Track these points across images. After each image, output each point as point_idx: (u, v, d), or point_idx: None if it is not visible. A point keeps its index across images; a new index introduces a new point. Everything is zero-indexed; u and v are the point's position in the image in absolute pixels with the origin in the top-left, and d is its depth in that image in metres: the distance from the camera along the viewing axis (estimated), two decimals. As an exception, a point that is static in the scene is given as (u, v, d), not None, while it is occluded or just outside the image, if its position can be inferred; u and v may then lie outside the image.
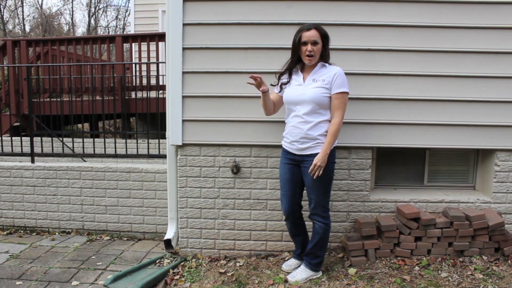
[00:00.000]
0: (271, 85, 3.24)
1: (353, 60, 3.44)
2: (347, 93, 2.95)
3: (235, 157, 3.59)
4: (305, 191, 3.14)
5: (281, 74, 3.16)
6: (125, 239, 4.47)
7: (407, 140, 3.52)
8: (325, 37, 2.98)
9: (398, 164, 3.86)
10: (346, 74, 3.34)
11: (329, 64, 3.02)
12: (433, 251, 3.40)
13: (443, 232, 3.38)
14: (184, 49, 3.49)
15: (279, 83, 3.17)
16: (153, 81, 6.82)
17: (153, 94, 6.39)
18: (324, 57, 3.00)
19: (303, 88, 2.99)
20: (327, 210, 3.09)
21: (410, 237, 3.38)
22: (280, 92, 3.18)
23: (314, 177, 2.92)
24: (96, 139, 5.94)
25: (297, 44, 2.97)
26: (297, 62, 3.08)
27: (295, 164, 3.09)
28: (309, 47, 2.92)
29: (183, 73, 3.51)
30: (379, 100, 3.47)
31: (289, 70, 3.11)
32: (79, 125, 9.15)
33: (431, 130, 3.51)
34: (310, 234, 3.30)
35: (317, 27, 2.96)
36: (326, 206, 3.09)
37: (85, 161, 5.37)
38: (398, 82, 3.46)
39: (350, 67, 3.42)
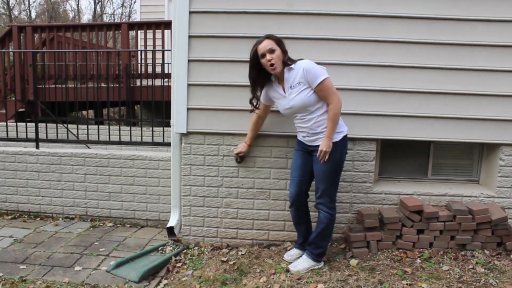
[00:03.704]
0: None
1: (359, 51, 3.42)
2: (326, 78, 2.90)
3: (239, 146, 3.60)
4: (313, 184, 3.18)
5: (252, 98, 3.16)
6: (128, 226, 4.49)
7: (412, 133, 3.51)
8: (279, 42, 2.96)
9: (402, 157, 3.85)
10: (352, 65, 3.36)
11: (294, 63, 2.97)
12: (435, 244, 3.40)
13: (446, 225, 3.37)
14: (190, 37, 3.48)
15: (257, 101, 3.19)
16: (158, 69, 6.80)
17: (158, 82, 6.38)
18: (286, 62, 2.96)
19: (288, 100, 3.02)
20: (333, 201, 3.12)
21: (413, 230, 3.38)
22: (256, 104, 3.20)
23: (321, 161, 2.97)
24: (100, 126, 5.94)
25: (256, 61, 2.98)
26: (259, 77, 3.08)
27: (307, 152, 3.15)
28: (267, 56, 2.90)
29: (189, 61, 3.51)
30: (384, 92, 3.46)
31: (257, 88, 3.13)
32: (84, 112, 9.16)
33: (436, 123, 3.49)
34: (314, 225, 3.30)
35: (268, 36, 2.96)
36: (333, 197, 3.11)
37: (89, 147, 5.38)
38: (404, 74, 3.44)
39: (356, 57, 3.41)
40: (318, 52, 3.38)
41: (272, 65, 2.91)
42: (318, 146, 3.00)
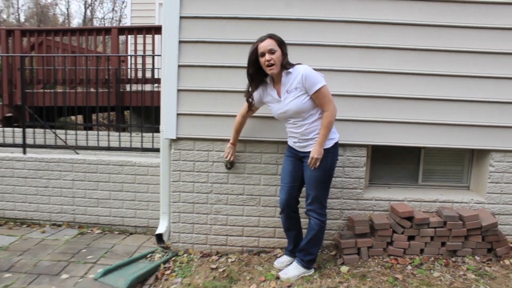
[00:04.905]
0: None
1: (350, 57, 3.44)
2: (324, 86, 2.89)
3: (229, 152, 3.59)
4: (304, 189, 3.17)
5: (249, 95, 3.15)
6: (117, 232, 4.44)
7: (402, 139, 3.52)
8: (281, 44, 2.94)
9: (393, 163, 3.86)
10: (343, 71, 3.37)
11: (292, 67, 2.95)
12: (426, 251, 3.41)
13: (436, 231, 3.38)
14: (180, 42, 3.48)
15: (253, 100, 3.17)
16: (148, 74, 6.78)
17: (148, 87, 6.37)
18: (285, 65, 2.94)
19: (283, 104, 2.99)
20: (324, 207, 3.11)
21: (403, 236, 3.39)
22: (251, 103, 3.19)
23: (312, 168, 2.97)
24: (89, 132, 5.90)
25: (255, 58, 2.96)
26: (257, 77, 3.06)
27: (298, 159, 3.14)
28: (267, 56, 2.88)
29: (179, 66, 3.50)
30: (374, 98, 3.48)
31: (254, 85, 3.11)
32: (73, 117, 9.10)
33: (427, 129, 3.51)
34: (304, 231, 3.29)
35: (271, 35, 2.93)
36: (323, 203, 3.10)
37: (77, 153, 5.33)
38: (394, 80, 3.46)
39: (347, 63, 3.43)
40: (309, 58, 3.38)
41: (270, 65, 2.89)
42: (309, 152, 3.00)
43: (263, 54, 2.91)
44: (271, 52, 2.89)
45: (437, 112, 3.49)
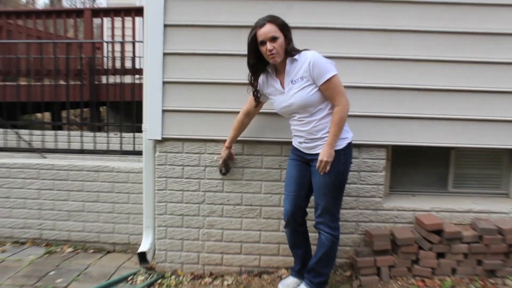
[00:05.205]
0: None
1: (366, 42, 3.43)
2: (335, 75, 2.87)
3: (224, 155, 3.59)
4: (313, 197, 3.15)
5: (254, 89, 3.14)
6: (91, 251, 4.43)
7: (429, 138, 3.52)
8: (284, 28, 2.91)
9: (418, 166, 3.86)
10: (358, 59, 3.34)
11: (298, 53, 2.93)
12: (458, 270, 3.40)
13: (471, 247, 3.37)
14: (166, 26, 3.48)
15: (259, 94, 3.17)
16: (128, 64, 6.77)
17: (128, 79, 6.35)
18: (289, 51, 2.93)
19: (287, 97, 2.98)
20: (336, 219, 3.09)
21: (432, 253, 3.38)
22: (258, 97, 3.19)
23: (321, 173, 2.94)
24: (58, 132, 5.90)
25: (255, 47, 2.93)
26: (259, 66, 3.05)
27: (304, 162, 3.12)
28: (268, 45, 2.85)
29: (164, 54, 3.51)
30: (395, 89, 3.48)
31: (255, 79, 3.10)
32: (39, 115, 9.08)
33: (458, 126, 3.50)
34: (314, 248, 3.26)
35: (272, 19, 2.89)
36: (336, 214, 3.08)
37: (45, 157, 5.32)
38: (419, 69, 3.45)
39: (363, 49, 3.43)
40: (319, 44, 3.36)
41: (272, 54, 2.87)
42: (317, 154, 2.97)
43: (263, 43, 2.88)
44: (273, 39, 2.86)
45: (471, 106, 3.48)
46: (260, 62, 3.02)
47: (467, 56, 3.43)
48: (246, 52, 3.01)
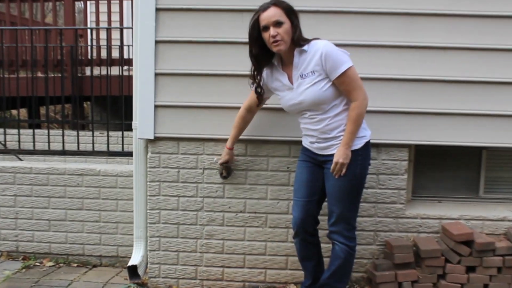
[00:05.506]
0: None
1: (385, 27, 3.45)
2: (350, 67, 2.87)
3: (225, 156, 3.62)
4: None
5: (257, 83, 3.13)
6: (75, 265, 4.44)
7: (458, 136, 3.53)
8: (290, 12, 2.90)
9: (445, 169, 3.88)
10: (376, 47, 3.37)
11: (308, 43, 2.94)
12: (491, 286, 3.40)
13: (506, 261, 3.37)
14: (158, 10, 3.49)
15: (262, 89, 3.17)
16: (115, 54, 6.81)
17: (115, 70, 6.39)
18: (297, 40, 2.92)
19: (296, 93, 2.97)
20: (352, 228, 3.10)
21: (460, 267, 3.39)
22: (261, 94, 3.19)
23: (336, 176, 2.95)
24: (36, 131, 5.88)
25: (257, 33, 2.92)
26: (265, 58, 3.05)
27: (316, 164, 3.13)
28: (271, 31, 2.83)
29: (157, 42, 3.52)
30: (419, 81, 3.49)
31: (261, 69, 3.09)
32: (14, 112, 9.15)
33: (490, 123, 3.52)
34: (326, 261, 3.29)
35: (277, 2, 2.88)
36: (352, 223, 3.10)
37: (21, 159, 5.37)
38: (447, 58, 3.47)
39: (382, 36, 3.44)
40: (330, 30, 3.39)
41: (276, 41, 2.86)
42: (331, 155, 2.97)
43: (266, 28, 2.86)
44: (277, 24, 2.83)
45: (504, 100, 3.49)
46: (263, 53, 3.00)
47: (502, 43, 3.44)
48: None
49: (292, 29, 2.88)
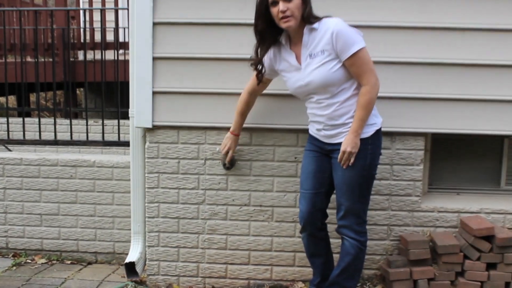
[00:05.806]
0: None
1: (400, 6, 3.43)
2: (362, 48, 2.87)
3: (229, 146, 3.62)
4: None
5: (258, 62, 3.10)
6: (69, 262, 4.47)
7: (477, 124, 3.52)
8: None
9: (463, 159, 3.88)
10: (390, 28, 3.34)
11: (318, 21, 2.92)
12: (513, 284, 3.42)
13: (528, 256, 3.37)
14: None
15: (263, 68, 3.14)
16: (110, 37, 6.82)
17: (110, 55, 6.40)
18: (307, 17, 2.90)
19: (303, 74, 2.97)
20: (363, 222, 3.11)
21: (480, 264, 3.39)
22: (262, 72, 3.16)
23: (344, 166, 2.95)
24: (26, 119, 5.89)
25: (265, 8, 2.90)
26: (269, 36, 3.03)
27: (324, 154, 3.13)
28: (280, 5, 2.80)
29: (154, 24, 3.52)
30: (435, 65, 3.48)
31: (265, 47, 3.06)
32: (2, 99, 9.19)
33: (512, 110, 3.52)
34: (336, 257, 3.31)
35: None
36: (362, 216, 3.10)
37: (10, 150, 5.39)
38: (465, 40, 3.45)
39: (396, 16, 3.42)
40: (341, 9, 3.36)
41: (285, 17, 2.84)
42: (339, 144, 2.97)
43: (275, 3, 2.84)
44: None
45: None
46: (270, 30, 2.99)
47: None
48: (253, 20, 2.98)
49: (303, 5, 2.87)
